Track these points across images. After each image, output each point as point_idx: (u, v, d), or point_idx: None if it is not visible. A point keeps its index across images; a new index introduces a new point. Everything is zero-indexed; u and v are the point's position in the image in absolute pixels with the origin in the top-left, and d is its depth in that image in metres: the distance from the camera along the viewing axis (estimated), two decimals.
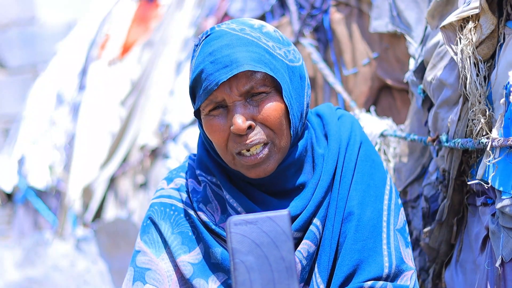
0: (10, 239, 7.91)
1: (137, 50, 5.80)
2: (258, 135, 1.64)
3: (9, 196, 8.39)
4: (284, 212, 1.35)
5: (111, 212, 5.64)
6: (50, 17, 9.79)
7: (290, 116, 1.67)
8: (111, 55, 6.27)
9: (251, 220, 1.34)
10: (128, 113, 5.48)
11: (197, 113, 1.72)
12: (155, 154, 4.84)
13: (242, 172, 1.68)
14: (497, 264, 1.79)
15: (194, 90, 1.68)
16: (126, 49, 6.08)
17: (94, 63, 6.63)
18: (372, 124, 2.47)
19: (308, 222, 1.70)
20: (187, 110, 4.29)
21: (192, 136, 4.15)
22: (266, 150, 1.65)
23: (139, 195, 5.12)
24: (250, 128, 1.63)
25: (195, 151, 1.88)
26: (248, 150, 1.65)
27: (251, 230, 1.34)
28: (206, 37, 1.66)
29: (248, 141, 1.63)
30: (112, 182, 5.71)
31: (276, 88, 1.66)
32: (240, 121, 1.61)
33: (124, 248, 5.18)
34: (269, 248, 1.33)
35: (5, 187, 8.25)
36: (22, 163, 7.83)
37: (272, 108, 1.64)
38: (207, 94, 1.62)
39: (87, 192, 6.00)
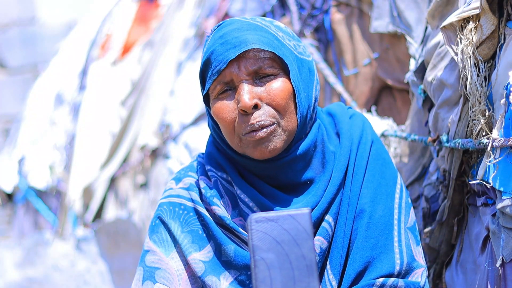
0: (10, 239, 7.91)
1: (138, 50, 5.80)
2: (263, 116, 1.66)
3: (9, 196, 8.38)
4: (305, 211, 1.35)
5: (111, 212, 5.63)
6: (50, 17, 9.79)
7: (296, 101, 1.68)
8: (112, 55, 6.27)
9: (272, 218, 1.35)
10: (128, 113, 5.47)
11: (206, 100, 1.74)
12: (155, 154, 4.83)
13: (248, 153, 1.70)
14: (498, 264, 1.79)
15: (204, 74, 1.71)
16: (126, 49, 6.07)
17: (95, 63, 6.62)
18: (373, 124, 2.47)
19: (321, 218, 1.71)
20: (188, 110, 4.28)
21: (192, 136, 4.14)
22: (271, 128, 1.67)
23: (139, 195, 5.11)
24: (256, 107, 1.66)
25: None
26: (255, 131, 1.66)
27: (272, 228, 1.34)
28: (218, 26, 1.72)
29: (254, 121, 1.65)
30: (113, 182, 5.70)
31: (285, 71, 1.69)
32: (246, 97, 1.64)
33: (124, 248, 5.18)
34: (289, 246, 1.34)
35: (5, 187, 8.24)
36: (22, 163, 7.82)
37: (279, 88, 1.67)
38: (217, 74, 1.66)
39: (87, 192, 5.99)
